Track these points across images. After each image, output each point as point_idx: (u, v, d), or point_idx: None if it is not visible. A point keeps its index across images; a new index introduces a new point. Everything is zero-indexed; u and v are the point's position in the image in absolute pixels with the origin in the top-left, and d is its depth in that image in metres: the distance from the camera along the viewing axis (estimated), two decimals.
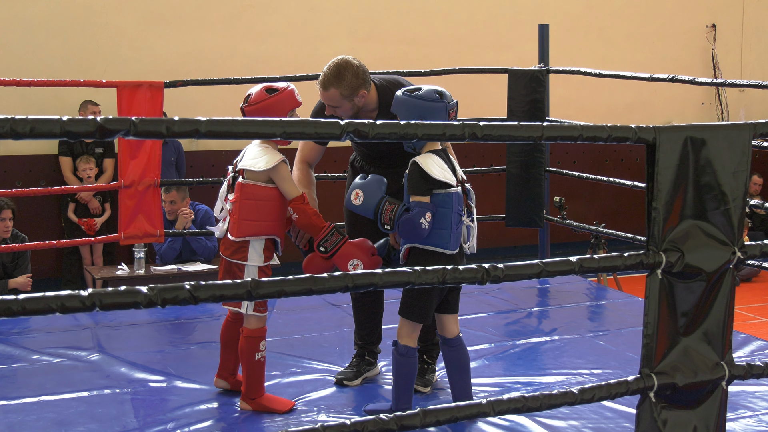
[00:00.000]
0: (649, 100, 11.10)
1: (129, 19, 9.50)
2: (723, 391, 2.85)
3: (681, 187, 2.71)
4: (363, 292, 4.38)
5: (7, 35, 9.05)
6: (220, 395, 4.39)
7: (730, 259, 2.77)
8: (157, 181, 6.19)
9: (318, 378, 4.64)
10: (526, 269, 2.67)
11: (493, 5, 10.67)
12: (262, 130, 2.37)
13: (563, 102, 8.11)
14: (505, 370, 4.81)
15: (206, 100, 8.85)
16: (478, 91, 8.44)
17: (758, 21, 12.22)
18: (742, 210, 2.81)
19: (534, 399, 2.71)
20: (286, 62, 9.21)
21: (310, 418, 4.11)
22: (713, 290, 2.78)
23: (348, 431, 2.50)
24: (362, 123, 2.41)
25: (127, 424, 4.07)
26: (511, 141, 3.17)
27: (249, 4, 9.86)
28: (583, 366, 4.85)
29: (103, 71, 8.52)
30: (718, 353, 2.82)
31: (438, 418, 2.61)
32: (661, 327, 2.75)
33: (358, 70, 4.21)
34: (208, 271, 7.33)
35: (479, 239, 4.10)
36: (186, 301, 2.27)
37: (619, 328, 5.54)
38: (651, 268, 2.73)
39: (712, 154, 2.71)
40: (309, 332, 5.41)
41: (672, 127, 2.69)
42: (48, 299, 2.20)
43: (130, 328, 5.49)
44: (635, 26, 11.46)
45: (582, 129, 2.65)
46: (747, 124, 2.79)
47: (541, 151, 6.81)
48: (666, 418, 2.80)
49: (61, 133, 2.17)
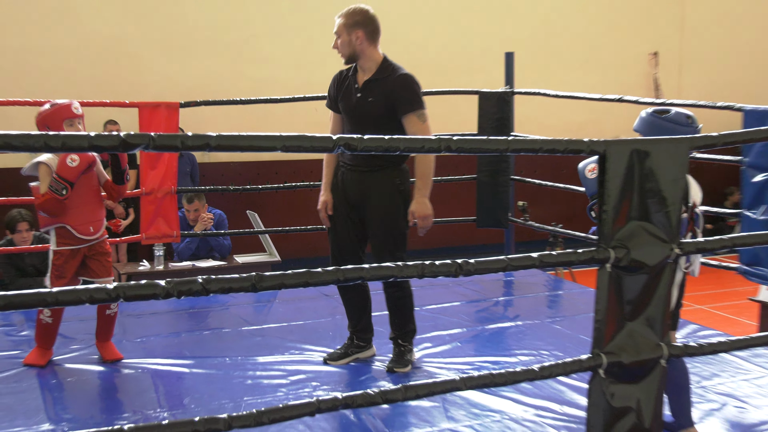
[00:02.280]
0: (600, 118, 11.13)
1: (148, 48, 9.49)
2: (662, 368, 2.87)
3: (627, 192, 2.72)
4: (348, 288, 4.45)
5: (43, 61, 9.03)
6: (229, 373, 4.39)
7: (669, 254, 2.79)
8: (173, 189, 6.19)
9: (313, 359, 4.64)
10: (493, 264, 2.67)
11: (466, 36, 10.69)
12: (263, 144, 2.36)
13: (526, 119, 8.11)
14: (476, 351, 4.83)
15: (216, 118, 8.84)
16: (453, 110, 8.44)
17: (694, 49, 12.28)
18: (680, 212, 2.82)
19: (500, 375, 2.71)
20: (285, 85, 9.20)
21: (306, 393, 4.11)
22: (655, 281, 2.79)
23: (340, 404, 2.51)
24: (351, 137, 2.41)
25: (149, 398, 4.07)
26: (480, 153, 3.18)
27: (252, 34, 9.86)
28: (543, 347, 4.86)
29: (126, 93, 8.50)
30: (658, 335, 2.84)
31: (417, 393, 2.61)
32: (609, 313, 2.76)
33: (366, 15, 4.35)
34: (219, 267, 7.32)
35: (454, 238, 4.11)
36: (199, 293, 2.27)
37: (573, 315, 5.57)
38: (601, 263, 2.74)
39: (654, 165, 2.72)
40: (306, 320, 5.41)
41: (620, 141, 2.70)
42: (78, 292, 2.19)
43: (150, 316, 5.48)
44: (588, 54, 11.50)
45: (542, 143, 2.66)
46: (685, 138, 2.81)
47: (507, 162, 6.82)
48: (613, 392, 2.81)
49: (89, 147, 2.16)
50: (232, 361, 4.61)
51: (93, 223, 4.45)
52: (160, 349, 4.82)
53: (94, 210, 4.47)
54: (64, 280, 4.39)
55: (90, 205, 4.44)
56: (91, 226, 4.43)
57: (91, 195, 4.47)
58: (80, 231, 4.39)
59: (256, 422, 2.39)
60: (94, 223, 4.45)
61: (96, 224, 4.47)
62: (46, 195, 4.23)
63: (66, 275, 4.41)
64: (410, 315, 4.55)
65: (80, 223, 4.39)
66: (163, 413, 3.90)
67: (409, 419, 3.81)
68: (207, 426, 2.32)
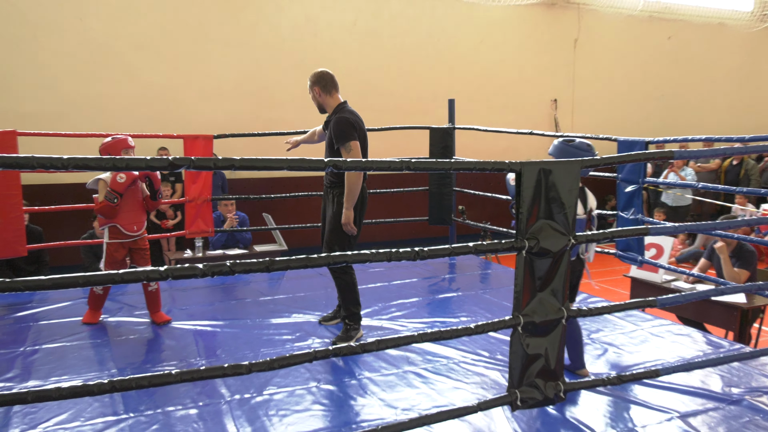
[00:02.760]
0: (517, 146, 11.19)
1: (190, 94, 9.41)
2: (563, 326, 2.88)
3: (537, 199, 2.72)
4: (333, 271, 4.24)
5: (112, 103, 8.94)
6: (250, 331, 4.35)
7: (567, 244, 2.80)
8: (209, 198, 6.15)
9: (311, 320, 4.61)
10: (441, 251, 2.67)
11: (420, 87, 10.71)
12: (274, 165, 2.34)
13: (463, 147, 8.09)
14: (428, 314, 4.82)
15: (241, 146, 8.77)
16: (411, 140, 8.45)
17: (582, 97, 12.39)
18: (575, 213, 2.83)
19: (447, 332, 2.71)
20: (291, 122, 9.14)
21: (306, 346, 4.09)
22: (557, 263, 2.80)
23: (330, 354, 2.49)
24: (338, 160, 2.40)
25: (191, 350, 4.03)
26: (431, 171, 3.18)
27: (265, 85, 9.81)
28: (477, 311, 4.87)
29: (173, 128, 8.42)
30: (560, 301, 2.84)
31: (387, 345, 2.60)
32: (525, 286, 2.77)
33: (318, 75, 4.21)
34: (242, 254, 7.26)
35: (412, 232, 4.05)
36: (227, 273, 2.25)
37: (498, 287, 5.58)
38: (519, 250, 2.74)
39: (556, 179, 2.73)
40: (305, 292, 5.38)
41: (531, 162, 2.71)
42: (138, 273, 2.16)
43: (192, 290, 5.43)
44: (507, 100, 11.56)
45: (475, 163, 2.66)
46: (576, 160, 2.82)
47: (450, 178, 6.83)
48: (528, 343, 2.82)
49: (146, 167, 2.14)
50: (252, 322, 4.57)
51: (136, 224, 4.48)
52: (199, 314, 4.77)
53: (137, 214, 4.49)
54: (115, 265, 4.41)
55: (134, 211, 4.48)
56: (134, 225, 4.47)
57: (135, 203, 4.49)
58: (127, 229, 4.43)
59: (269, 367, 2.37)
60: (137, 223, 4.48)
61: (138, 224, 4.49)
62: (103, 202, 4.31)
63: (116, 262, 4.42)
64: (354, 298, 4.21)
65: (127, 223, 4.42)
66: (201, 361, 3.86)
67: (381, 364, 3.80)
68: (234, 370, 2.30)
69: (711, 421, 3.17)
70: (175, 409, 3.22)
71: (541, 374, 2.85)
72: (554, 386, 2.89)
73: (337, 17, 10.29)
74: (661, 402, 3.36)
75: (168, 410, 3.20)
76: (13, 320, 4.60)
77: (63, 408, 3.18)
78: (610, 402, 3.37)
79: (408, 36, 10.81)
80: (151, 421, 3.09)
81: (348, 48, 10.28)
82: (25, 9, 8.58)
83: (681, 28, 13.13)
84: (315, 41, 10.12)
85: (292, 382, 3.52)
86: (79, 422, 3.06)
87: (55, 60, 8.74)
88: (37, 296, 5.17)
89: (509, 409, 3.12)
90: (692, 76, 13.41)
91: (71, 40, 8.82)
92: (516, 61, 11.70)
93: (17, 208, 5.21)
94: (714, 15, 13.37)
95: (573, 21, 12.19)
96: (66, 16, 8.79)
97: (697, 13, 13.21)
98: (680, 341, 4.27)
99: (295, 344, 4.12)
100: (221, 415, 3.16)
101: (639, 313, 4.82)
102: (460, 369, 3.74)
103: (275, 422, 3.09)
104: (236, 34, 9.69)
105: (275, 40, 9.90)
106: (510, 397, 2.84)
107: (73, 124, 8.42)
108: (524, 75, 11.78)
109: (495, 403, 2.81)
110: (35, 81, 8.67)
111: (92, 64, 8.93)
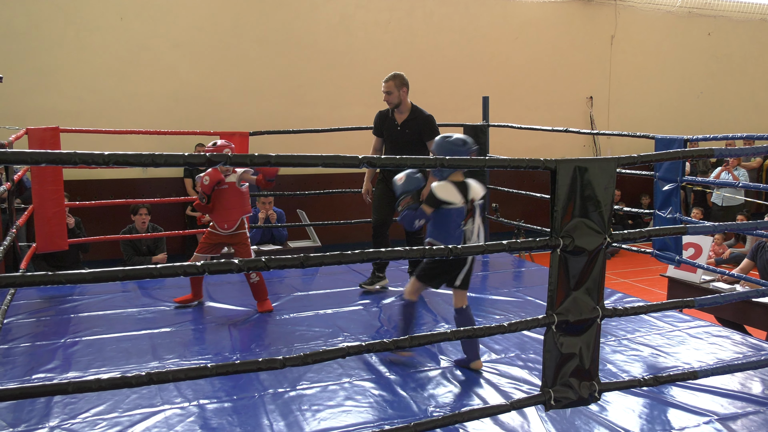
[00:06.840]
0: (551, 144, 11.08)
1: (227, 93, 9.52)
2: (597, 325, 2.83)
3: (572, 197, 2.68)
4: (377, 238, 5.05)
5: (150, 102, 9.09)
6: (284, 327, 4.38)
7: (602, 242, 2.75)
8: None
9: (344, 316, 4.62)
10: (475, 249, 2.65)
11: (455, 85, 10.67)
12: (309, 161, 2.34)
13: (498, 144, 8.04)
14: None
15: (275, 143, 8.85)
16: None
17: (619, 94, 12.21)
18: (611, 211, 2.78)
19: (480, 329, 2.69)
20: (323, 120, 9.21)
21: (339, 341, 4.10)
22: (592, 262, 2.76)
23: (363, 350, 2.49)
24: (372, 157, 2.40)
25: (226, 344, 4.07)
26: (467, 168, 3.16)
27: (300, 84, 9.88)
28: (511, 309, 4.83)
29: (211, 125, 8.52)
30: (594, 301, 2.80)
31: (419, 342, 2.59)
32: (559, 285, 2.73)
33: (405, 79, 4.91)
34: (277, 249, 7.32)
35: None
36: (262, 269, 2.26)
37: (532, 286, 5.53)
38: (553, 248, 2.70)
39: (591, 177, 2.69)
40: (339, 288, 5.38)
41: (566, 159, 2.67)
42: (176, 268, 2.18)
43: (227, 284, 5.48)
44: (542, 98, 11.44)
45: (510, 161, 2.63)
46: (613, 158, 2.77)
47: (484, 175, 6.77)
48: (562, 342, 2.78)
49: (183, 163, 2.16)
50: (287, 317, 4.60)
51: (227, 222, 4.62)
52: (234, 309, 4.81)
53: (229, 214, 4.61)
54: (205, 254, 4.65)
55: (226, 210, 4.60)
56: (225, 224, 4.62)
57: (226, 203, 4.60)
58: (219, 226, 4.63)
59: (303, 362, 2.37)
60: (228, 221, 4.62)
61: (230, 223, 4.62)
62: (196, 200, 4.69)
63: (206, 252, 4.65)
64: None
65: (219, 221, 4.62)
66: (236, 355, 3.90)
67: (415, 360, 3.79)
68: (268, 365, 2.31)
69: (751, 425, 3.09)
70: (209, 401, 3.25)
71: (575, 374, 2.81)
72: (589, 386, 2.84)
73: (372, 16, 10.30)
74: (699, 404, 3.29)
75: (203, 403, 3.24)
76: (54, 312, 4.70)
77: (102, 399, 3.24)
78: (647, 404, 3.30)
79: (442, 34, 10.77)
80: (187, 414, 3.13)
81: (382, 47, 10.29)
82: (69, 9, 8.77)
83: (721, 24, 12.84)
84: (349, 40, 10.14)
85: (325, 378, 3.53)
86: (117, 413, 3.12)
87: (96, 59, 8.92)
88: (78, 289, 5.28)
89: (542, 409, 3.08)
90: (732, 74, 13.11)
91: (112, 40, 8.99)
92: (551, 58, 11.57)
93: (59, 203, 5.33)
94: (755, 11, 13.04)
95: (610, 17, 12.00)
96: (107, 16, 8.96)
97: (737, 9, 12.90)
98: (719, 343, 4.17)
99: (328, 340, 4.13)
100: (255, 409, 3.18)
101: (676, 314, 4.73)
102: (493, 367, 3.71)
103: (308, 417, 3.11)
104: (271, 33, 9.76)
105: (310, 39, 9.95)
106: (544, 396, 2.80)
107: (112, 122, 8.59)
108: (559, 72, 11.65)
109: (528, 402, 2.78)
110: (77, 79, 8.86)
111: (131, 63, 9.09)
